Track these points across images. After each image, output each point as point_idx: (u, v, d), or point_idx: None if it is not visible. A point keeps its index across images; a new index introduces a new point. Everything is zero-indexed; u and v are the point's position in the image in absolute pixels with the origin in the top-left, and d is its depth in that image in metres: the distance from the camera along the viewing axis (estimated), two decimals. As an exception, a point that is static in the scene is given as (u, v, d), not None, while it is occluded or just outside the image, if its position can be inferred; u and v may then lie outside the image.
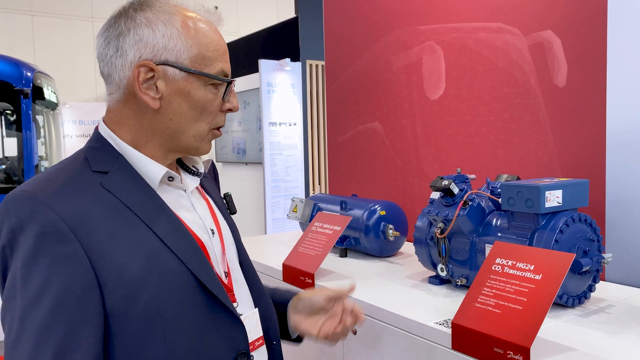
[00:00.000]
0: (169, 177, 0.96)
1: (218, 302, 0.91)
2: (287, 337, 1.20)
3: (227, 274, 1.00)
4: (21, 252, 0.79)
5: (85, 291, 0.79)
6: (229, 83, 0.97)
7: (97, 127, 0.98)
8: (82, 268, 0.80)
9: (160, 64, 0.90)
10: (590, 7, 1.54)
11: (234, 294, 0.99)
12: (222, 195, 1.15)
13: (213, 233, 1.00)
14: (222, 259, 1.01)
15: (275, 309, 1.13)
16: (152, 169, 0.93)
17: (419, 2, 2.11)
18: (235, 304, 0.98)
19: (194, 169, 1.04)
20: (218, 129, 1.00)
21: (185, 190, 1.00)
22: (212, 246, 0.98)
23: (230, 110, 0.99)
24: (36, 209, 0.80)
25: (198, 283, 0.89)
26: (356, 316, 1.16)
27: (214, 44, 0.95)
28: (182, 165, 1.04)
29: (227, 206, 1.14)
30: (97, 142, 0.94)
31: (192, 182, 1.03)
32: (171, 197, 0.96)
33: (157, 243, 0.87)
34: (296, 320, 1.17)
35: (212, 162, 1.15)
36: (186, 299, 0.87)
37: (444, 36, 2.01)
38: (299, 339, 1.21)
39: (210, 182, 1.14)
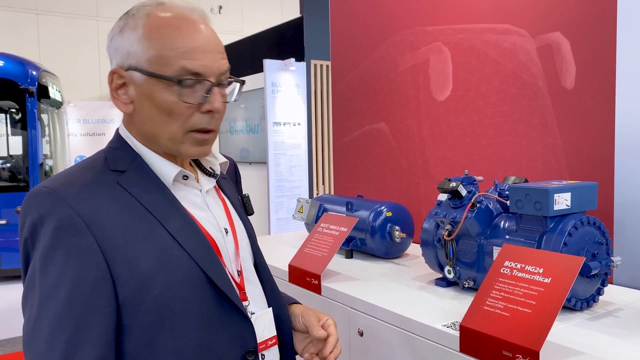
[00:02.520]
0: (184, 176, 0.98)
1: (227, 300, 0.93)
2: None
3: (240, 273, 1.02)
4: (40, 244, 0.84)
5: (98, 283, 0.83)
6: (193, 82, 0.90)
7: (117, 129, 1.01)
8: (96, 261, 0.84)
9: (129, 70, 0.92)
10: (599, 9, 1.53)
11: (245, 293, 1.01)
12: (240, 197, 1.17)
13: (227, 232, 1.02)
14: (235, 258, 1.02)
15: None
16: (165, 168, 0.96)
17: (426, 3, 2.11)
18: (246, 303, 0.99)
19: (210, 170, 1.06)
20: (202, 131, 0.94)
21: (201, 190, 1.02)
22: (225, 245, 1.00)
23: (210, 111, 0.93)
24: (54, 204, 0.85)
25: (208, 280, 0.91)
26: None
27: (176, 43, 0.90)
28: (199, 166, 1.06)
29: (244, 207, 1.15)
30: (117, 143, 0.98)
31: (208, 182, 1.04)
32: (185, 196, 0.98)
33: (168, 239, 0.90)
34: None
35: (235, 164, 1.16)
36: (196, 294, 0.90)
37: (451, 37, 2.00)
38: None
39: (228, 183, 1.16)
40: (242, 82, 1.02)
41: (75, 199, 0.85)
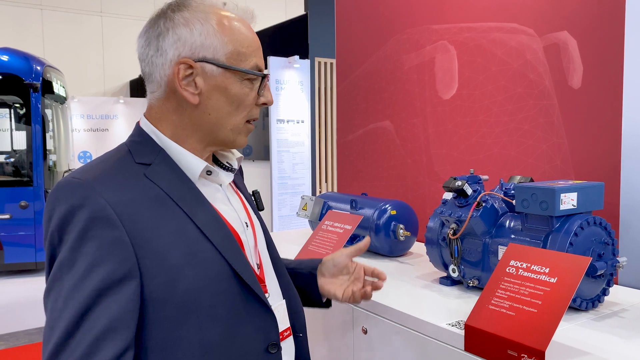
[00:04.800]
0: (207, 171, 1.00)
1: (251, 293, 0.95)
2: (318, 303, 1.25)
3: (259, 266, 1.04)
4: (71, 235, 0.83)
5: (126, 275, 0.83)
6: (264, 77, 1.00)
7: (138, 123, 1.01)
8: (126, 253, 0.83)
9: (199, 61, 0.94)
10: (607, 8, 1.53)
11: (265, 285, 1.03)
12: (251, 193, 1.19)
13: (247, 226, 1.04)
14: (255, 251, 1.04)
15: (303, 280, 1.22)
16: (192, 163, 0.97)
17: (432, 1, 2.10)
18: (267, 295, 1.01)
19: (228, 165, 1.07)
20: (251, 122, 1.03)
21: (221, 185, 1.04)
22: (246, 238, 1.02)
23: (264, 104, 1.03)
24: (86, 195, 0.84)
25: (233, 273, 0.93)
26: (378, 276, 1.24)
27: (248, 40, 0.98)
28: (216, 161, 1.07)
29: (255, 203, 1.17)
30: (140, 137, 0.98)
31: (227, 177, 1.06)
32: (208, 191, 0.99)
33: (196, 233, 0.91)
34: (322, 282, 1.23)
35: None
36: (222, 287, 0.91)
37: (457, 36, 2.00)
38: (328, 303, 1.27)
39: (239, 178, 1.18)
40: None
41: (107, 190, 0.85)
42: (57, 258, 0.84)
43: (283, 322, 1.04)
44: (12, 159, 6.00)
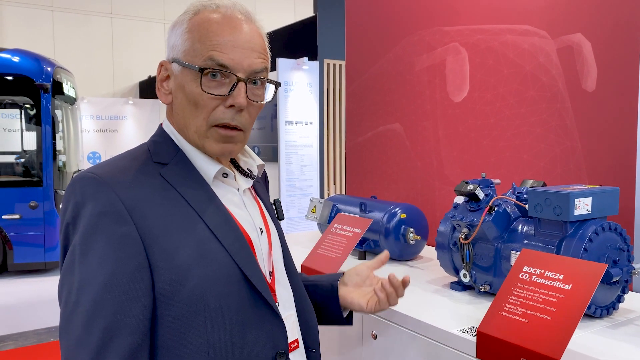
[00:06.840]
0: (224, 174, 0.99)
1: (261, 298, 0.93)
2: (339, 319, 1.22)
3: (272, 274, 1.02)
4: (81, 228, 0.84)
5: (137, 270, 0.84)
6: (216, 73, 0.91)
7: (161, 124, 1.03)
8: (135, 249, 0.84)
9: (172, 62, 0.96)
10: (622, 10, 1.50)
11: (275, 294, 1.01)
12: (272, 201, 1.17)
13: (261, 232, 1.02)
14: (268, 258, 1.02)
15: (323, 292, 1.20)
16: (207, 165, 0.97)
17: (443, 2, 2.08)
18: (277, 304, 0.99)
19: (247, 171, 1.07)
20: (225, 127, 0.94)
21: (238, 190, 1.03)
22: (260, 244, 1.00)
23: (232, 106, 0.93)
24: (99, 189, 0.86)
25: (243, 276, 0.91)
26: (400, 284, 1.17)
27: (211, 36, 0.92)
28: (236, 167, 1.07)
29: (275, 211, 1.16)
30: (160, 137, 1.00)
31: (245, 183, 1.05)
32: (224, 193, 0.99)
33: (206, 233, 0.90)
34: (345, 292, 1.20)
35: (264, 170, 1.17)
36: (230, 290, 0.90)
37: (468, 38, 1.98)
38: (349, 320, 1.24)
39: (262, 187, 1.17)
40: (278, 84, 1.03)
41: (120, 186, 0.86)
42: (69, 251, 0.85)
43: (292, 333, 1.02)
44: (22, 160, 6.04)
